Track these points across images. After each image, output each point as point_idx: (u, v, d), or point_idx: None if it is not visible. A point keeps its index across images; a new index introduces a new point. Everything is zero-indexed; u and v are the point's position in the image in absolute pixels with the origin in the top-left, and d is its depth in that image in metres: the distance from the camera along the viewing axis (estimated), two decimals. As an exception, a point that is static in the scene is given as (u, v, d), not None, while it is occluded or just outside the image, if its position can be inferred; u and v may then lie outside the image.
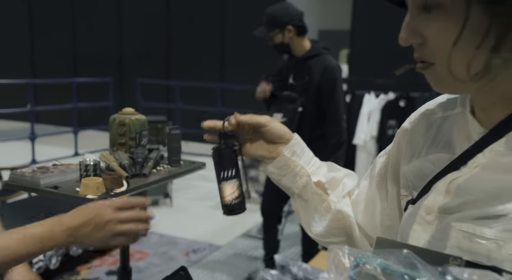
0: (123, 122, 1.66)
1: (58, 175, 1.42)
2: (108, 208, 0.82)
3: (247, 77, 6.91)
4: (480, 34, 0.52)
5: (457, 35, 0.53)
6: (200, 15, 7.49)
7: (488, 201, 0.54)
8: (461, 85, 0.56)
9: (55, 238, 0.79)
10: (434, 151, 0.65)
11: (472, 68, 0.54)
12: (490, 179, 0.55)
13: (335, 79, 2.53)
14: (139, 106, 6.68)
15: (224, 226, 4.13)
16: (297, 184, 0.79)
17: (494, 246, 0.53)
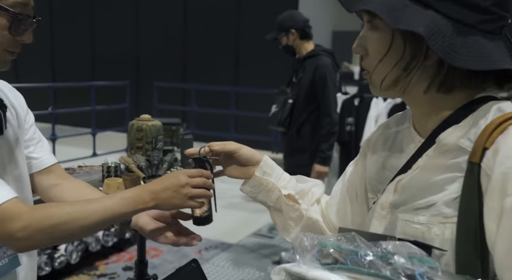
0: (141, 127, 1.82)
1: (83, 175, 1.58)
2: (183, 175, 0.94)
3: (261, 81, 7.06)
4: (398, 56, 0.68)
5: (384, 53, 0.69)
6: (216, 20, 7.66)
7: (422, 194, 0.68)
8: (379, 92, 0.73)
9: (143, 200, 0.91)
10: (391, 159, 0.79)
11: (384, 81, 0.71)
12: (424, 177, 0.69)
13: (324, 76, 2.83)
14: (154, 108, 6.88)
15: (236, 225, 4.27)
16: (271, 198, 0.94)
17: (425, 229, 0.67)
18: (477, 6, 0.64)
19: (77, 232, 0.90)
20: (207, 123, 7.15)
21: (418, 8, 0.64)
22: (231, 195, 5.07)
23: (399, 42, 0.68)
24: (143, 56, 8.39)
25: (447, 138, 0.67)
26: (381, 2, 0.65)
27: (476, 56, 0.64)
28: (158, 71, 8.07)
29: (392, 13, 0.64)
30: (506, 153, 0.60)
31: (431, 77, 0.68)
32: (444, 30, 0.63)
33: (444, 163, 0.67)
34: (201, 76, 7.73)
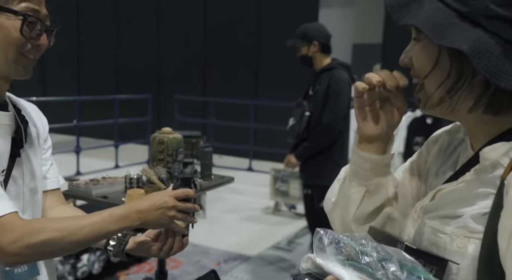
0: (162, 140, 1.88)
1: (107, 186, 1.64)
2: (171, 198, 0.97)
3: (280, 94, 7.11)
4: (444, 74, 0.66)
5: (429, 70, 0.68)
6: (236, 33, 7.78)
7: (453, 205, 0.67)
8: (424, 110, 0.71)
9: (130, 218, 0.93)
10: (444, 167, 0.78)
11: (429, 100, 0.69)
12: (464, 190, 0.68)
13: (337, 89, 2.87)
14: (175, 121, 6.99)
15: (254, 238, 4.28)
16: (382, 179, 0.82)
17: (448, 240, 0.66)
18: None
19: (66, 248, 0.91)
20: (226, 135, 7.22)
21: (466, 25, 0.62)
22: (250, 208, 5.10)
23: (445, 60, 0.66)
24: (164, 69, 8.56)
25: (490, 153, 0.66)
26: (428, 17, 0.63)
27: None
28: (179, 85, 8.21)
29: (437, 29, 0.62)
30: None
31: (476, 96, 0.66)
32: (492, 50, 0.61)
33: (483, 178, 0.66)
34: (221, 89, 7.83)
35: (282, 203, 4.94)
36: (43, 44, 0.96)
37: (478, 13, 0.62)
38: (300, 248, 3.99)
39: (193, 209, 1.01)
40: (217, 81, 8.02)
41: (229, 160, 7.10)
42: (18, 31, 0.91)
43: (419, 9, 0.65)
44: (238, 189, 5.64)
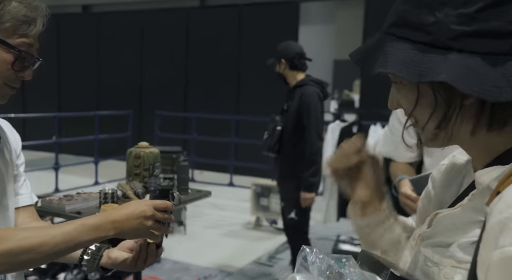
0: (138, 155, 1.88)
1: (81, 202, 1.63)
2: (149, 207, 0.95)
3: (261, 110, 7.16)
4: (431, 107, 0.63)
5: (414, 104, 0.64)
6: (217, 50, 7.84)
7: (446, 233, 0.65)
8: (424, 144, 0.68)
9: (104, 228, 0.90)
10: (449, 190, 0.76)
11: (423, 135, 0.67)
12: (457, 216, 0.64)
13: (308, 104, 2.97)
14: (156, 136, 6.96)
15: (235, 253, 4.26)
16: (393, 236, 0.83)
17: (436, 269, 0.63)
18: (503, 33, 0.57)
19: (35, 258, 0.87)
20: (207, 151, 7.22)
21: (437, 54, 0.59)
22: (231, 223, 5.07)
23: (428, 94, 0.62)
24: (146, 85, 8.55)
25: (482, 177, 0.62)
26: (397, 58, 0.60)
27: None
28: (161, 100, 8.20)
29: (410, 68, 0.59)
30: (508, 202, 0.54)
31: (475, 116, 0.62)
32: (475, 68, 0.57)
33: (475, 204, 0.62)
34: (202, 105, 7.85)
35: (263, 218, 4.94)
36: (27, 78, 0.99)
37: (443, 38, 0.59)
38: (281, 263, 3.98)
39: (170, 219, 1.00)
40: (198, 96, 8.04)
41: (210, 175, 7.08)
42: (9, 64, 0.94)
43: (384, 54, 0.62)
44: (219, 204, 5.61)
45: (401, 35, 0.62)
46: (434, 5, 0.60)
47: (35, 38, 0.97)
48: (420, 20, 0.60)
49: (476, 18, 0.58)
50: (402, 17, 0.62)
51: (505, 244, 0.53)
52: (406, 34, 0.62)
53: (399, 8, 0.63)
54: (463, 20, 0.58)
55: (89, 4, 9.32)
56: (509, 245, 0.52)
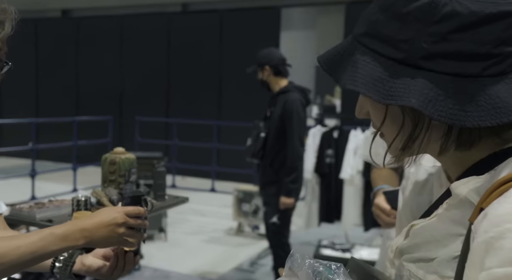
0: (114, 161, 1.83)
1: (53, 209, 1.57)
2: (121, 214, 0.92)
3: (243, 115, 7.15)
4: (398, 125, 0.62)
5: (381, 122, 0.63)
6: (199, 56, 7.81)
7: (426, 246, 0.63)
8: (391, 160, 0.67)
9: (73, 237, 0.87)
10: (422, 197, 0.75)
11: (390, 151, 0.65)
12: (435, 228, 0.63)
13: (291, 111, 2.99)
14: (136, 142, 6.88)
15: (217, 260, 4.21)
16: None
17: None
18: (476, 54, 0.56)
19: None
20: (189, 156, 7.16)
21: (407, 72, 0.57)
22: (212, 229, 5.03)
23: (396, 112, 0.61)
24: (126, 91, 8.46)
25: (459, 188, 0.61)
26: (366, 75, 0.59)
27: (490, 109, 0.55)
28: (141, 106, 8.13)
29: (379, 88, 0.57)
30: (493, 220, 0.53)
31: (442, 137, 0.61)
32: (443, 91, 0.56)
33: (454, 215, 0.61)
34: (184, 110, 7.81)
35: (245, 224, 4.91)
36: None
37: (415, 57, 0.57)
38: (263, 269, 3.95)
39: (144, 225, 0.97)
40: (180, 102, 7.99)
41: (192, 181, 7.03)
42: None
43: (354, 66, 0.60)
44: (201, 210, 5.56)
45: (371, 47, 0.60)
46: (408, 19, 0.58)
47: (3, 42, 0.94)
48: (392, 34, 0.59)
49: (450, 38, 0.56)
50: (373, 28, 0.61)
51: (492, 265, 0.51)
52: (377, 47, 0.60)
53: (373, 17, 0.61)
54: (436, 39, 0.56)
55: (69, 9, 9.20)
56: (495, 267, 0.51)
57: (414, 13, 0.57)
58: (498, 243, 0.51)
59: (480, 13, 0.55)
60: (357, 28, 0.64)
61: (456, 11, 0.56)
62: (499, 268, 0.51)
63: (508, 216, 0.52)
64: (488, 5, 0.56)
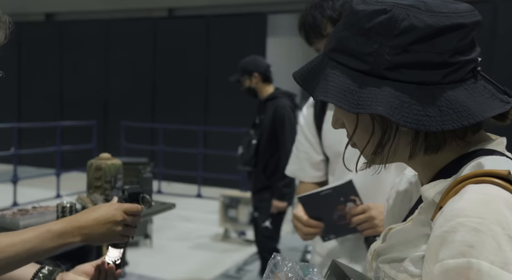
0: (100, 166, 1.80)
1: (37, 216, 1.54)
2: (119, 211, 0.91)
3: (229, 121, 7.14)
4: (368, 132, 0.66)
5: (352, 131, 0.67)
6: (185, 61, 7.79)
7: (399, 247, 0.67)
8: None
9: (71, 234, 0.85)
10: (402, 205, 0.78)
11: (363, 155, 0.69)
12: (408, 230, 0.67)
13: (283, 117, 3.02)
14: (122, 148, 6.81)
15: (203, 266, 4.18)
16: None
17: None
18: (435, 64, 0.61)
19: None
20: (175, 162, 7.11)
21: (373, 83, 0.61)
22: (198, 235, 4.99)
23: (367, 120, 0.66)
24: (112, 96, 8.39)
25: (427, 192, 0.65)
26: (336, 87, 0.63)
27: (451, 113, 0.60)
28: (127, 111, 8.06)
29: (349, 98, 0.61)
30: (447, 215, 0.57)
31: (411, 143, 0.65)
32: (408, 98, 0.60)
33: (424, 218, 0.65)
34: (170, 115, 7.76)
35: (231, 229, 4.88)
36: None
37: (380, 68, 0.61)
38: (250, 275, 3.93)
39: (139, 223, 0.96)
40: (165, 107, 7.94)
41: (178, 186, 6.97)
42: None
43: (325, 79, 0.64)
44: (187, 216, 5.52)
45: (340, 61, 0.64)
46: (371, 34, 0.62)
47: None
48: (358, 48, 0.63)
49: (410, 50, 0.61)
50: (341, 43, 0.65)
51: (444, 257, 0.55)
52: (345, 60, 0.64)
53: (340, 34, 0.66)
54: (398, 51, 0.61)
55: (52, 13, 9.09)
56: (448, 258, 0.55)
57: (376, 28, 0.62)
58: (450, 237, 0.56)
59: (435, 26, 0.60)
60: (327, 44, 0.68)
61: (413, 25, 0.60)
62: (451, 259, 0.55)
63: (460, 211, 0.56)
64: (442, 18, 0.61)
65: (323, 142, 1.44)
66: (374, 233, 1.24)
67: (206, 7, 7.77)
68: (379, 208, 1.24)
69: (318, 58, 0.69)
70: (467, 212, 0.56)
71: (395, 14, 0.61)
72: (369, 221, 1.24)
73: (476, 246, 0.54)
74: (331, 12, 1.31)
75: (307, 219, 1.28)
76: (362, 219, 1.24)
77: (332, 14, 1.31)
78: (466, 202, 0.57)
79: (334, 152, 1.39)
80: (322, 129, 1.44)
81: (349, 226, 1.27)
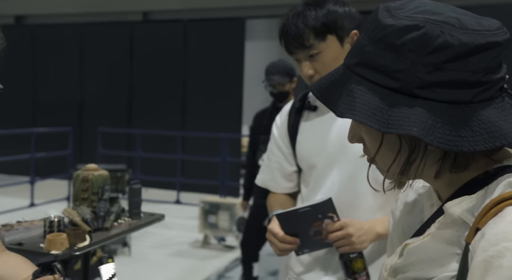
0: (86, 178, 1.77)
1: (22, 232, 1.50)
2: None
3: (207, 126, 7.11)
4: (395, 151, 0.64)
5: (377, 148, 0.65)
6: (163, 65, 7.72)
7: (422, 266, 0.64)
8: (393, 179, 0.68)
9: None
10: (412, 217, 0.76)
11: (388, 175, 0.67)
12: (429, 247, 0.64)
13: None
14: (98, 154, 6.69)
15: (183, 274, 4.14)
16: None
17: None
18: (468, 83, 0.59)
19: None
20: (153, 168, 7.03)
21: (405, 100, 0.59)
22: (178, 242, 4.94)
23: (393, 139, 0.63)
24: (86, 101, 8.23)
25: (453, 208, 0.62)
26: (364, 104, 0.60)
27: (484, 134, 0.59)
28: (103, 117, 7.92)
29: (379, 117, 0.59)
30: (490, 240, 0.55)
31: (438, 161, 0.64)
32: (440, 118, 0.58)
33: (448, 235, 0.63)
34: (147, 121, 7.67)
35: (211, 235, 4.86)
36: None
37: (411, 86, 0.59)
38: (231, 282, 3.93)
39: None
40: (143, 112, 7.85)
41: (157, 193, 6.89)
42: None
43: (350, 95, 0.62)
44: (166, 223, 5.39)
45: (366, 76, 0.62)
46: (402, 51, 0.60)
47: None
48: (387, 64, 0.61)
49: (443, 68, 0.59)
50: (368, 58, 0.62)
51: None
52: (372, 76, 0.62)
53: (365, 48, 0.63)
54: (430, 69, 0.59)
55: (23, 15, 8.86)
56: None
57: (408, 45, 0.60)
58: (497, 262, 0.54)
59: (470, 44, 0.59)
60: (348, 58, 0.66)
61: (448, 43, 0.59)
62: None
63: (505, 234, 0.55)
64: (477, 37, 0.59)
65: (297, 154, 1.40)
66: (351, 250, 1.22)
67: (182, 11, 7.73)
68: (357, 225, 1.22)
69: (339, 70, 0.66)
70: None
71: (429, 31, 0.59)
72: (346, 238, 1.21)
73: None
74: (314, 22, 1.27)
75: (283, 235, 1.25)
76: (339, 236, 1.22)
77: (315, 25, 1.26)
78: (510, 226, 0.56)
79: (308, 164, 1.37)
80: (296, 140, 1.39)
81: (324, 241, 1.26)
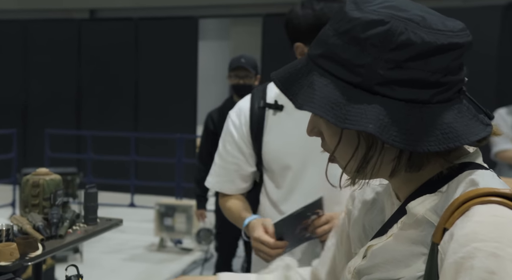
0: (37, 183, 1.67)
1: (-32, 242, 1.39)
2: None
3: (161, 126, 6.97)
4: (353, 147, 0.63)
5: (336, 144, 0.64)
6: (113, 64, 7.49)
7: (387, 267, 0.64)
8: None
9: None
10: (371, 217, 0.75)
11: (346, 170, 0.67)
12: (394, 248, 0.64)
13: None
14: (46, 157, 6.39)
15: (139, 278, 4.05)
16: None
17: None
18: (427, 83, 0.59)
19: None
20: (105, 170, 6.81)
21: (364, 96, 0.59)
22: (133, 246, 4.82)
23: (352, 135, 0.63)
24: (31, 102, 7.84)
25: (416, 208, 0.62)
26: (324, 97, 0.59)
27: (438, 135, 0.59)
28: (49, 118, 7.58)
29: (337, 112, 0.58)
30: (460, 241, 0.55)
31: (394, 160, 0.63)
32: (397, 116, 0.58)
33: (413, 235, 0.62)
34: (97, 122, 7.42)
35: (167, 238, 4.77)
36: None
37: (371, 82, 0.59)
38: (190, 285, 3.87)
39: None
40: (92, 113, 7.58)
41: (109, 196, 6.68)
42: None
43: (310, 87, 0.61)
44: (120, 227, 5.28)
45: (328, 69, 0.61)
46: (365, 45, 0.59)
47: None
48: (350, 58, 0.60)
49: (404, 66, 0.59)
50: (331, 51, 0.61)
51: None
52: (333, 69, 0.61)
53: (330, 40, 0.62)
54: (391, 66, 0.59)
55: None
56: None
57: (372, 40, 0.59)
58: (468, 263, 0.54)
59: (432, 43, 0.58)
60: (313, 49, 0.64)
61: (411, 40, 0.58)
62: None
63: (474, 235, 0.55)
64: (439, 37, 0.59)
65: (264, 155, 1.37)
66: None
67: (131, 9, 7.55)
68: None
69: (302, 61, 0.64)
70: (482, 237, 0.55)
71: (393, 27, 0.58)
72: None
73: (497, 271, 0.53)
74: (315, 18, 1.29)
75: (274, 241, 1.24)
76: (326, 229, 1.26)
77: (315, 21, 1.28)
78: (478, 226, 0.55)
79: (281, 165, 1.35)
80: (262, 141, 1.37)
81: (306, 236, 1.29)
